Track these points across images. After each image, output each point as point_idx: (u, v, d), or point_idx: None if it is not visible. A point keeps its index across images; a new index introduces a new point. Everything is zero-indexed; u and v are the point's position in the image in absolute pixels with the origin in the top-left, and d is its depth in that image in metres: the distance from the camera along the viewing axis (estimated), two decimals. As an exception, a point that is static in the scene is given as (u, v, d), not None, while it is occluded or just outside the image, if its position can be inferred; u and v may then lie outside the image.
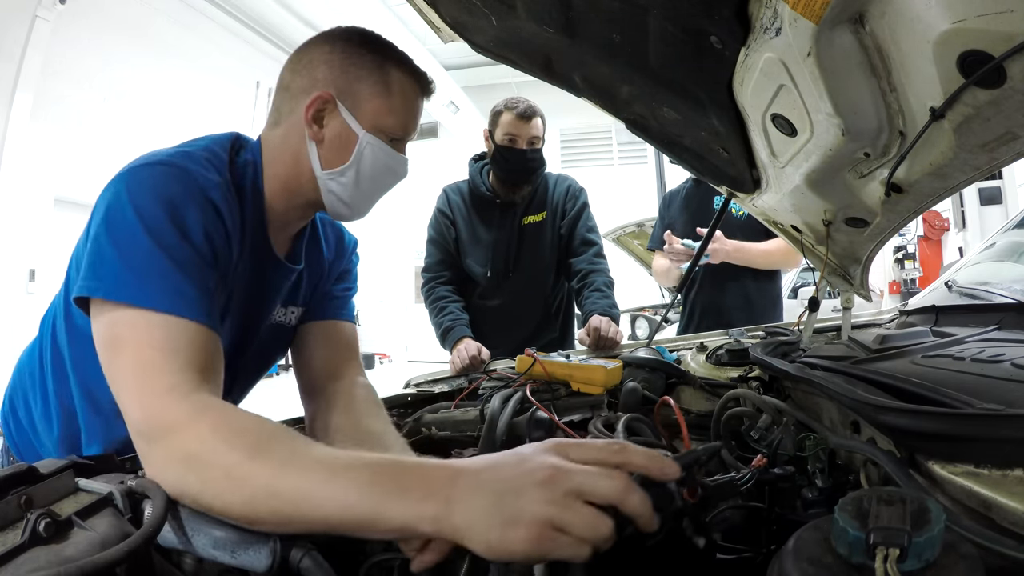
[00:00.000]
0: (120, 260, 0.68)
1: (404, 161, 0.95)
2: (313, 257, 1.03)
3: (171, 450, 0.59)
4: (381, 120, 0.88)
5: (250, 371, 1.04)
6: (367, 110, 0.88)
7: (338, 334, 1.05)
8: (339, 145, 0.88)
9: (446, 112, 8.57)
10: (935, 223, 7.60)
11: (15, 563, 0.43)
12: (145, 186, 0.73)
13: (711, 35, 0.74)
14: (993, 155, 0.67)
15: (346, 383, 0.97)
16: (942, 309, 1.21)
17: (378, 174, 0.92)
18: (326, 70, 0.87)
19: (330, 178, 0.90)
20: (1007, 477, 0.44)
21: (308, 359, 1.02)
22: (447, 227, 2.07)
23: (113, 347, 0.66)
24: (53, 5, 5.15)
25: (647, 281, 5.08)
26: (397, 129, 0.90)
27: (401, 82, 0.89)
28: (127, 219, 0.70)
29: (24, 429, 0.97)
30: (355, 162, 0.89)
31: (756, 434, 0.81)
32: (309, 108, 0.86)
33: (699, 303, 2.30)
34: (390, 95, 0.88)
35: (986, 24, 0.51)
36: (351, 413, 0.90)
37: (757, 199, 1.17)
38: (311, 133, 0.88)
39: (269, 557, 0.52)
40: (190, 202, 0.74)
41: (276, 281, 0.96)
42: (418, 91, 0.92)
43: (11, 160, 5.03)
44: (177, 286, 0.69)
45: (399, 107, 0.89)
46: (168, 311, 0.67)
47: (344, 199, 0.92)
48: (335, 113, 0.87)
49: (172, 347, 0.65)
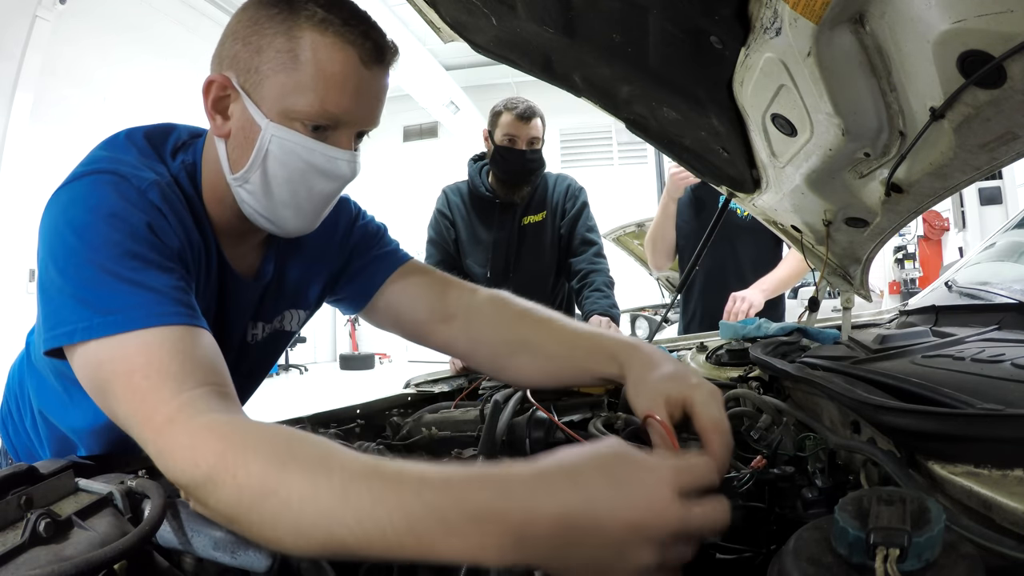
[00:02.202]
0: (73, 296, 0.61)
1: (340, 156, 0.73)
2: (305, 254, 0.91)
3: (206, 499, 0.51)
4: (289, 102, 0.68)
5: (244, 382, 0.97)
6: (269, 91, 0.69)
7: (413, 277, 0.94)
8: (243, 140, 0.72)
9: (446, 112, 8.56)
10: (935, 223, 7.59)
11: (15, 563, 0.43)
12: (77, 202, 0.65)
13: (711, 35, 0.74)
14: (993, 155, 0.67)
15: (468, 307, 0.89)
16: (942, 309, 1.20)
17: (295, 175, 0.72)
18: (231, 45, 0.71)
19: (238, 183, 0.74)
20: (1007, 477, 0.44)
21: (408, 320, 0.93)
22: (447, 228, 2.07)
23: (102, 392, 0.59)
24: (53, 5, 5.15)
25: (647, 281, 5.07)
26: (316, 112, 0.68)
27: (317, 47, 0.66)
28: (67, 243, 0.62)
29: (21, 432, 0.97)
30: (258, 161, 0.71)
31: (756, 434, 0.81)
32: (206, 96, 0.71)
33: (701, 304, 2.30)
34: (297, 67, 0.67)
35: (986, 24, 0.51)
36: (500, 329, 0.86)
37: (757, 199, 1.17)
38: (214, 127, 0.73)
39: (269, 558, 0.52)
40: (128, 205, 0.65)
41: (238, 297, 0.83)
42: (353, 57, 0.68)
43: (11, 160, 5.03)
44: (137, 299, 0.60)
45: (314, 83, 0.67)
46: (140, 327, 0.58)
47: (258, 210, 0.76)
48: (238, 100, 0.71)
49: (157, 369, 0.56)
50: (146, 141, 0.77)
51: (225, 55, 0.71)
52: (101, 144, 0.76)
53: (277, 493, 0.46)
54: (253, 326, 0.90)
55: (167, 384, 0.55)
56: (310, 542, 0.46)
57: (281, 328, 0.95)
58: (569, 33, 0.88)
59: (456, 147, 8.49)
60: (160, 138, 0.78)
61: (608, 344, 0.78)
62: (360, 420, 1.11)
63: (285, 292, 0.92)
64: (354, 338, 10.66)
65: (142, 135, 0.77)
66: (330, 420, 1.08)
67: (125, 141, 0.76)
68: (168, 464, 0.53)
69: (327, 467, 0.47)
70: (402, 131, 10.15)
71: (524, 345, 0.83)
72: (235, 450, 0.50)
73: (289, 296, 0.93)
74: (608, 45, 0.88)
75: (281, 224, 0.78)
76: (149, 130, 0.78)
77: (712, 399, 0.63)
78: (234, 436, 0.51)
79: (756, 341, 1.24)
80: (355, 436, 1.10)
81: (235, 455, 0.49)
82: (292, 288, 0.92)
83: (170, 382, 0.55)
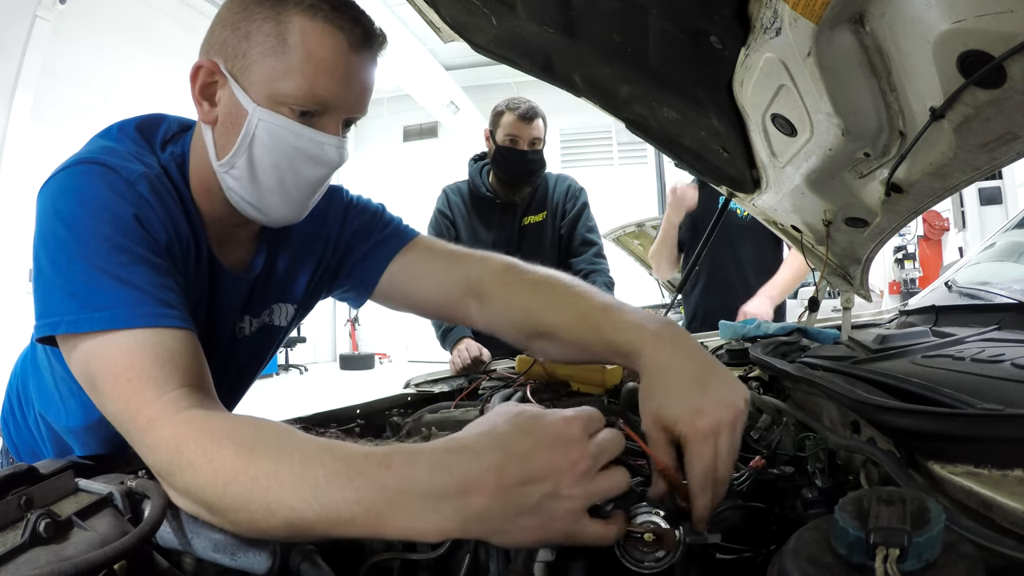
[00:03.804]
0: (63, 288, 0.62)
1: (328, 142, 0.72)
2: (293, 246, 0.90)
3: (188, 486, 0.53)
4: (276, 86, 0.68)
5: (236, 379, 0.97)
6: (257, 75, 0.69)
7: (418, 255, 0.91)
8: (229, 126, 0.72)
9: (446, 112, 8.56)
10: (935, 223, 7.60)
11: (15, 563, 0.43)
12: (66, 192, 0.66)
13: (711, 35, 0.74)
14: (993, 155, 0.67)
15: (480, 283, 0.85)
16: (942, 309, 1.20)
17: (282, 161, 0.72)
18: (219, 31, 0.71)
19: (224, 170, 0.74)
20: (1007, 477, 0.44)
21: (420, 300, 0.91)
22: (447, 228, 2.07)
23: (91, 387, 0.61)
24: (53, 5, 5.15)
25: (647, 281, 5.08)
26: (304, 96, 0.69)
27: (306, 32, 0.67)
28: (58, 235, 0.64)
29: (23, 431, 0.97)
30: (244, 146, 0.71)
31: (756, 434, 0.81)
32: (193, 82, 0.72)
33: (701, 304, 2.30)
34: (285, 51, 0.67)
35: (986, 24, 0.51)
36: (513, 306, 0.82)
37: (757, 199, 1.17)
38: (201, 114, 0.73)
39: (269, 560, 0.52)
40: (117, 197, 0.66)
41: (227, 291, 0.83)
42: (342, 42, 0.68)
43: (11, 160, 5.03)
44: (123, 297, 0.61)
45: (303, 66, 0.67)
46: (123, 326, 0.60)
47: (244, 196, 0.75)
48: (225, 85, 0.71)
49: (139, 374, 0.58)
50: (137, 132, 0.77)
51: (214, 41, 0.71)
52: (95, 136, 0.76)
53: (247, 471, 0.50)
54: (242, 320, 0.89)
55: (149, 387, 0.57)
56: (278, 519, 0.48)
57: (270, 323, 0.94)
58: (569, 33, 0.89)
59: (456, 147, 8.49)
60: (151, 129, 0.78)
61: (624, 339, 0.68)
62: (360, 420, 1.11)
63: (273, 285, 0.91)
64: (354, 338, 10.67)
65: (134, 127, 0.77)
66: (330, 420, 1.08)
67: (118, 133, 0.76)
68: (154, 457, 0.55)
69: (288, 448, 0.51)
70: (402, 131, 10.15)
71: (540, 332, 0.80)
72: (210, 438, 0.53)
73: (277, 289, 0.92)
74: (608, 45, 0.88)
75: (268, 212, 0.77)
76: (140, 121, 0.79)
77: (704, 443, 0.55)
78: (210, 426, 0.54)
79: (756, 341, 1.24)
80: (355, 436, 1.10)
81: (210, 442, 0.52)
82: (280, 281, 0.91)
83: (152, 385, 0.58)
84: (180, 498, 0.54)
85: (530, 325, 0.80)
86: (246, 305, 0.88)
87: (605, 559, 0.52)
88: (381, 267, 0.92)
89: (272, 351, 1.00)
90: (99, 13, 5.93)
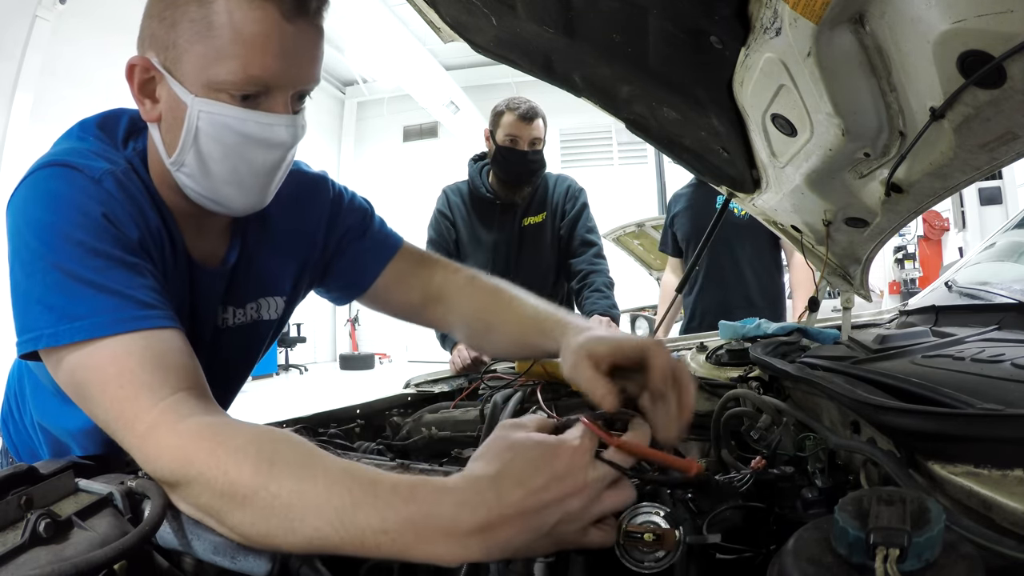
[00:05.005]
0: (39, 301, 0.61)
1: (276, 122, 0.68)
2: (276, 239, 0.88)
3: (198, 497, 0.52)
4: (210, 73, 0.64)
5: (227, 374, 0.94)
6: (189, 65, 0.65)
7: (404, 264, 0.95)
8: (172, 122, 0.68)
9: (446, 112, 8.56)
10: (935, 223, 7.60)
11: (15, 563, 0.43)
12: (32, 199, 0.65)
13: (711, 35, 0.74)
14: (993, 155, 0.67)
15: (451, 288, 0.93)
16: (942, 309, 1.20)
17: (230, 150, 0.68)
18: (148, 24, 0.67)
19: (175, 168, 0.71)
20: (1007, 477, 0.44)
21: (399, 303, 0.96)
22: (447, 228, 2.07)
23: (80, 397, 0.60)
24: (53, 5, 5.16)
25: (647, 281, 5.08)
26: (240, 79, 0.64)
27: (231, 10, 0.62)
28: (29, 245, 0.62)
29: (22, 431, 0.97)
30: (190, 141, 0.68)
31: (756, 434, 0.81)
32: (130, 81, 0.68)
33: (701, 304, 2.30)
34: (213, 34, 0.62)
35: (986, 24, 0.51)
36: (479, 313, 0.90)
37: (757, 199, 1.17)
38: (144, 112, 0.70)
39: (269, 563, 0.52)
40: (83, 196, 0.64)
41: (204, 284, 0.81)
42: (272, 14, 0.62)
43: (11, 160, 5.03)
44: (101, 304, 0.59)
45: (232, 48, 0.63)
46: (105, 334, 0.58)
47: (200, 192, 0.72)
48: (162, 80, 0.67)
49: (130, 380, 0.57)
50: (99, 130, 0.75)
51: (144, 36, 0.68)
52: (59, 138, 0.75)
53: (268, 488, 0.49)
54: (224, 310, 0.88)
55: (143, 393, 0.56)
56: (299, 537, 0.48)
57: (258, 317, 0.92)
58: (569, 33, 0.89)
59: (456, 147, 8.50)
60: (112, 125, 0.76)
61: (548, 323, 0.81)
62: (360, 420, 1.12)
63: (256, 278, 0.89)
64: (354, 338, 10.67)
65: (95, 124, 0.76)
66: (330, 420, 1.08)
67: (80, 132, 0.75)
68: (155, 465, 0.54)
69: (311, 467, 0.51)
70: (402, 131, 10.15)
71: (490, 326, 0.90)
72: (226, 449, 0.52)
73: (261, 283, 0.90)
74: (608, 45, 0.88)
75: (227, 203, 0.74)
76: (102, 118, 0.77)
77: (660, 347, 0.63)
78: (223, 436, 0.53)
79: (756, 341, 1.24)
80: (355, 436, 1.10)
81: (227, 454, 0.51)
82: (263, 274, 0.89)
83: (146, 391, 0.56)
84: (187, 507, 0.54)
85: (484, 319, 0.90)
86: (226, 296, 0.87)
87: (605, 559, 0.52)
88: (376, 272, 0.94)
89: (264, 345, 0.99)
90: (99, 13, 5.92)
